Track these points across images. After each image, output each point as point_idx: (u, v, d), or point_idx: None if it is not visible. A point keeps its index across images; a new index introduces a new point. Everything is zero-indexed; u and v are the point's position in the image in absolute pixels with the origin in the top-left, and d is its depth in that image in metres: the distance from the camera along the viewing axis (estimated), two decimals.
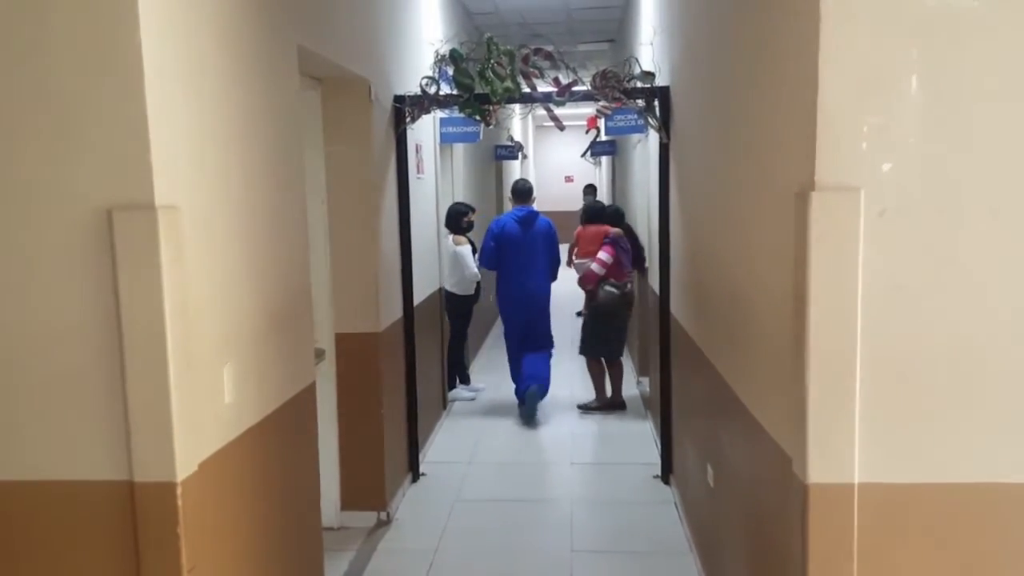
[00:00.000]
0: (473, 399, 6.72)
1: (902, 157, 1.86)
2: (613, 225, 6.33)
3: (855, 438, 1.90)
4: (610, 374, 6.38)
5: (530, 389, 6.15)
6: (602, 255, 6.07)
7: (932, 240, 1.86)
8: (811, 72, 1.87)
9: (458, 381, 6.84)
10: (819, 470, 1.92)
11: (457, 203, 6.65)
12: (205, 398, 2.14)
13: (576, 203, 10.56)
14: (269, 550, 2.60)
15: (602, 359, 6.30)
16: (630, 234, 6.32)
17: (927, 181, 1.86)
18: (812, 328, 1.89)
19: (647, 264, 6.22)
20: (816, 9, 1.83)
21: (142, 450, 1.96)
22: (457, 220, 6.43)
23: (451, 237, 6.38)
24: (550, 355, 6.54)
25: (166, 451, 1.96)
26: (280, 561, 2.70)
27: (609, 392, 6.40)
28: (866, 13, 1.82)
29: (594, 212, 6.81)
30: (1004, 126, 1.83)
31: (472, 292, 6.62)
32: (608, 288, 6.09)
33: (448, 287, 6.38)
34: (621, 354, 6.37)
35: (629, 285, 6.16)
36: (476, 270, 6.42)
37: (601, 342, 6.21)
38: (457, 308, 6.51)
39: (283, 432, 2.70)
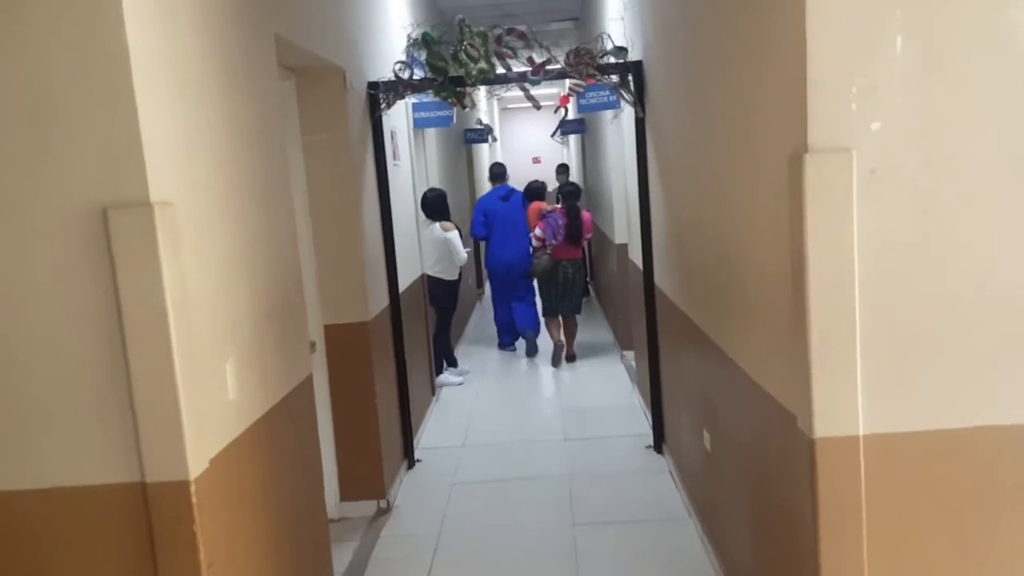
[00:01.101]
0: (461, 383, 6.75)
1: (890, 116, 1.90)
2: (567, 203, 7.08)
3: (858, 392, 1.96)
4: (564, 329, 7.27)
5: (527, 334, 7.65)
6: (537, 230, 7.06)
7: (922, 196, 1.91)
8: (799, 37, 1.90)
9: (445, 365, 6.87)
10: (825, 425, 1.97)
11: (433, 189, 6.70)
12: (210, 395, 2.14)
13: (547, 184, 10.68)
14: (281, 542, 2.60)
15: (559, 317, 7.23)
16: (572, 212, 7.00)
17: (915, 139, 1.90)
18: (812, 287, 1.93)
19: (586, 237, 7.27)
20: None
21: (153, 450, 1.95)
22: (441, 206, 6.54)
23: (438, 224, 6.48)
24: (535, 304, 7.67)
25: (177, 450, 1.95)
26: (292, 552, 2.71)
27: (564, 345, 7.32)
28: None
29: (531, 192, 7.98)
30: (986, 81, 1.88)
31: (456, 277, 6.74)
32: (536, 258, 7.11)
33: (433, 273, 6.49)
34: (571, 313, 7.25)
35: (545, 256, 7.05)
36: (465, 255, 6.70)
37: (545, 302, 7.25)
38: (444, 293, 6.61)
39: (286, 425, 2.70)
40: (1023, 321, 1.92)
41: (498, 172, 8.13)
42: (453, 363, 7.02)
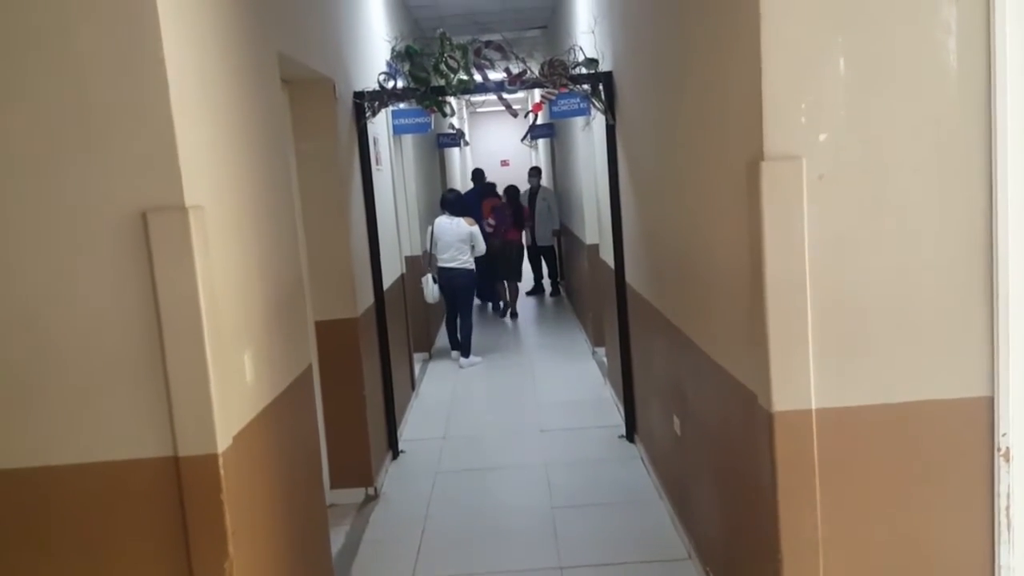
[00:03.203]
0: (480, 361, 7.66)
1: (835, 128, 2.18)
2: (511, 199, 9.75)
3: (810, 370, 2.23)
4: (508, 292, 9.71)
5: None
6: (490, 219, 9.25)
7: (863, 196, 2.20)
8: (755, 59, 2.17)
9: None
10: (782, 400, 2.24)
11: (452, 190, 8.11)
12: (232, 380, 2.36)
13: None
14: (288, 517, 2.83)
15: (504, 282, 9.73)
16: (514, 204, 9.75)
17: (856, 147, 2.19)
18: (769, 278, 2.20)
19: (527, 224, 10.01)
20: (756, 4, 2.13)
21: (185, 427, 2.17)
22: (461, 205, 7.56)
23: (462, 219, 7.37)
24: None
25: (207, 427, 2.18)
26: (297, 527, 2.93)
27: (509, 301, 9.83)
28: (799, 5, 2.13)
29: (486, 190, 10.14)
30: (916, 96, 2.16)
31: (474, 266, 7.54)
32: (492, 241, 8.71)
33: (456, 264, 7.35)
34: (513, 279, 9.65)
35: (497, 241, 9.12)
36: (484, 246, 7.58)
37: (496, 272, 9.53)
38: (466, 281, 7.44)
39: (292, 410, 2.93)
40: (950, 307, 2.21)
41: (476, 175, 10.77)
42: (457, 347, 7.64)
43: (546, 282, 11.29)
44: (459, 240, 7.31)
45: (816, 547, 2.28)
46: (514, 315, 9.69)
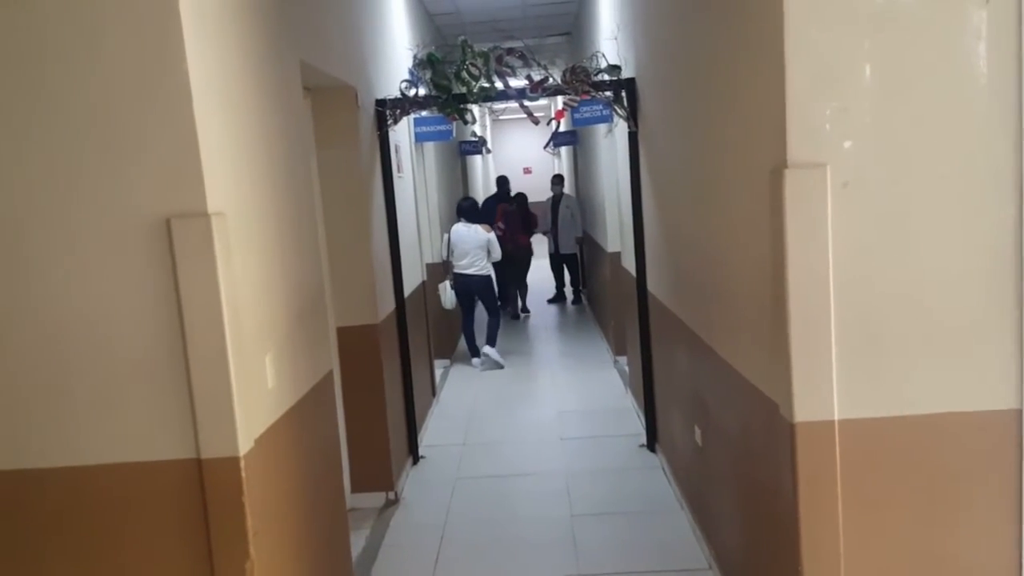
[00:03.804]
0: (502, 367, 7.66)
1: (860, 135, 2.16)
2: (520, 205, 10.20)
3: (833, 380, 2.20)
4: (519, 295, 10.27)
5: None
6: (500, 224, 9.37)
7: (888, 205, 2.17)
8: (778, 65, 2.16)
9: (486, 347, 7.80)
10: (804, 410, 2.22)
11: (467, 198, 8.08)
12: (254, 384, 2.38)
13: (536, 193, 11.28)
14: (309, 520, 2.84)
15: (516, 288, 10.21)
16: (524, 211, 10.17)
17: (882, 155, 2.16)
18: (791, 287, 2.18)
19: (535, 230, 10.43)
20: (780, 10, 2.12)
21: (208, 430, 2.19)
22: (477, 212, 7.78)
23: (479, 226, 7.57)
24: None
25: (229, 430, 2.19)
26: (318, 530, 2.94)
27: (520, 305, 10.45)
28: (823, 11, 2.12)
29: (499, 197, 10.66)
30: (943, 103, 2.14)
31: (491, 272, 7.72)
32: (503, 246, 8.54)
33: (473, 271, 7.52)
34: (522, 280, 10.25)
35: (510, 245, 9.19)
36: (499, 252, 7.78)
37: (507, 280, 10.07)
38: (483, 286, 7.62)
39: (313, 414, 2.94)
40: (978, 317, 2.18)
41: (499, 182, 10.97)
42: (476, 355, 7.76)
43: (568, 290, 11.27)
44: (477, 247, 7.50)
45: (838, 560, 2.25)
46: (526, 311, 10.33)
